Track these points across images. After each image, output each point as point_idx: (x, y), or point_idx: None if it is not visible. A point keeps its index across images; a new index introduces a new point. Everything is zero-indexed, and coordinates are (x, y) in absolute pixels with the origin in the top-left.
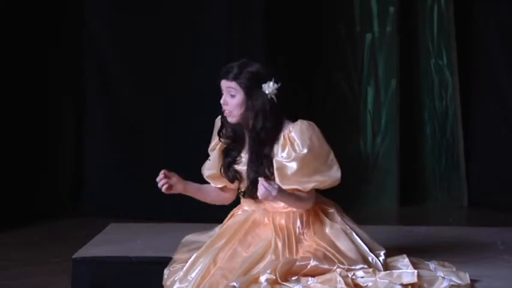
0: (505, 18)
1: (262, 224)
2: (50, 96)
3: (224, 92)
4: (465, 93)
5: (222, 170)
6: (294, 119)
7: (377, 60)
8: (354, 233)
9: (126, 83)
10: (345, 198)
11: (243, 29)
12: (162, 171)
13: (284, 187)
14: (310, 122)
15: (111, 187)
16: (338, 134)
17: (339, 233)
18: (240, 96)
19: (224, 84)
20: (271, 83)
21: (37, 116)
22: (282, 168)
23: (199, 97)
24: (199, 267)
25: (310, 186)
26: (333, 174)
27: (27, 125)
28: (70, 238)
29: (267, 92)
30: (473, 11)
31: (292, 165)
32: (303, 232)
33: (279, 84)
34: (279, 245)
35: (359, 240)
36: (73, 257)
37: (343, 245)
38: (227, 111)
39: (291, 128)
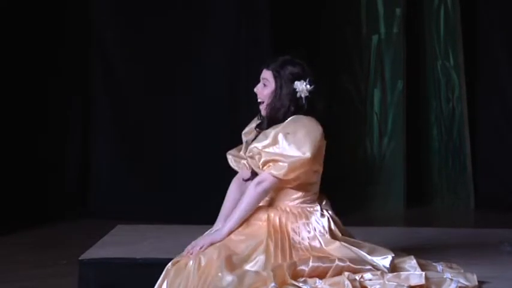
0: (510, 20)
1: (257, 223)
2: (58, 96)
3: (260, 82)
4: (472, 94)
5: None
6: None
7: (383, 61)
8: (352, 247)
9: (134, 83)
10: (352, 200)
11: (249, 31)
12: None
13: (248, 153)
14: (318, 124)
15: (119, 189)
16: (345, 136)
17: (337, 247)
18: (271, 86)
19: (262, 74)
20: (304, 83)
21: (44, 117)
22: (258, 137)
23: (208, 97)
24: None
25: (261, 161)
26: (294, 158)
27: (34, 126)
28: (77, 240)
29: (298, 89)
30: (479, 13)
31: (265, 136)
32: (299, 242)
33: (312, 87)
34: (271, 246)
35: (357, 250)
36: (80, 258)
37: (343, 254)
38: (259, 101)
39: (293, 116)
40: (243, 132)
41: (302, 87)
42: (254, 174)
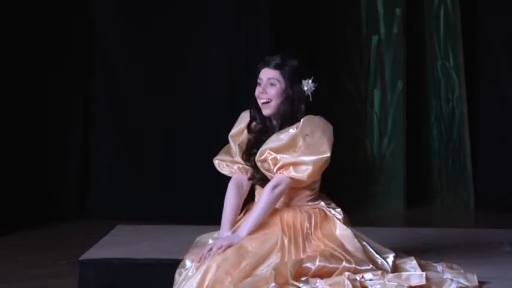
0: (510, 20)
1: (270, 222)
2: (58, 97)
3: (263, 82)
4: (472, 95)
5: (244, 157)
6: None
7: (383, 62)
8: (361, 239)
9: (134, 83)
10: (352, 200)
11: (249, 31)
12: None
13: (258, 157)
14: (328, 122)
15: (119, 189)
16: (345, 136)
17: (349, 235)
18: (281, 85)
19: (266, 74)
20: (310, 81)
21: (44, 117)
22: (270, 139)
23: (207, 98)
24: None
25: (279, 164)
26: (317, 159)
27: (34, 126)
28: (77, 240)
29: (305, 88)
30: (479, 13)
31: (280, 138)
32: (312, 232)
33: (317, 84)
34: (286, 242)
35: (366, 244)
36: (80, 259)
37: (352, 246)
38: (265, 101)
39: (306, 117)
40: (230, 134)
41: (309, 85)
42: (252, 176)
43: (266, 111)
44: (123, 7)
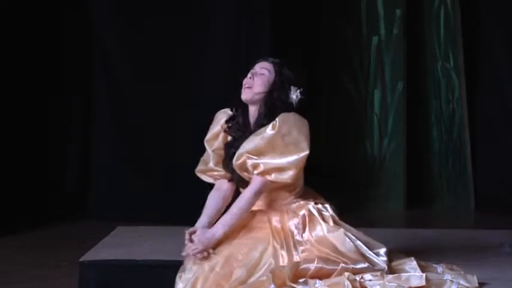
0: (510, 20)
1: (258, 226)
2: (58, 96)
3: (255, 70)
4: (472, 95)
5: (224, 163)
6: None
7: (384, 62)
8: (352, 235)
9: (134, 83)
10: (352, 201)
11: (249, 31)
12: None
13: (235, 160)
14: (303, 118)
15: (119, 189)
16: (345, 137)
17: (340, 236)
18: (269, 76)
19: (260, 65)
20: (298, 91)
21: (44, 117)
22: (247, 141)
23: (207, 98)
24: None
25: (260, 170)
26: (297, 160)
27: (34, 126)
28: (77, 241)
29: (291, 93)
30: (479, 13)
31: (257, 139)
32: (301, 234)
33: (302, 97)
34: (277, 247)
35: (358, 242)
36: (80, 260)
37: (344, 247)
38: (247, 85)
39: (281, 116)
40: (206, 139)
41: (296, 93)
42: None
43: (244, 95)
44: (123, 7)
